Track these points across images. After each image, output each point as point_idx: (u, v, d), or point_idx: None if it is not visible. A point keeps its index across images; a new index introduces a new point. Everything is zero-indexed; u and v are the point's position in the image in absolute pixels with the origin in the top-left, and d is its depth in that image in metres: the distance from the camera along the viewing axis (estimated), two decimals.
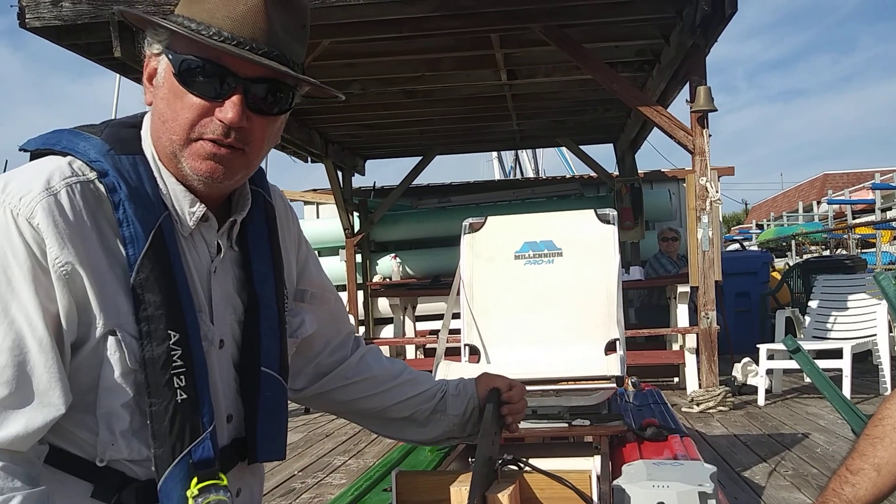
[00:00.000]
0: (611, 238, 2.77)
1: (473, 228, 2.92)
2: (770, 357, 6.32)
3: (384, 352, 1.55)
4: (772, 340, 7.14)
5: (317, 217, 11.37)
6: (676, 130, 5.95)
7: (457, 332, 2.89)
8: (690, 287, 6.31)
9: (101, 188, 1.09)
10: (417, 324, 8.61)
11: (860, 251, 14.49)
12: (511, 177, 22.30)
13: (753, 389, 6.34)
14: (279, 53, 1.11)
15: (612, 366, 2.44)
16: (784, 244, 18.06)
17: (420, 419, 1.50)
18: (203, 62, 1.08)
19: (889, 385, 6.20)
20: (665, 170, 11.04)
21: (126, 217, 1.08)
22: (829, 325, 6.84)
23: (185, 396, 1.09)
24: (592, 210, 2.85)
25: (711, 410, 5.87)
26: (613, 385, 2.41)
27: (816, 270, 8.82)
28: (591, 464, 2.10)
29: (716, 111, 5.86)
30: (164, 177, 1.15)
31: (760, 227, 24.48)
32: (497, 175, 23.79)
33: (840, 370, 5.80)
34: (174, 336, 1.09)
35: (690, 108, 5.91)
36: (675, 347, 7.25)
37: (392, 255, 10.06)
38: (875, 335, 6.41)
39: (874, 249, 13.69)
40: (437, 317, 8.22)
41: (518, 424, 1.52)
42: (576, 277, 2.74)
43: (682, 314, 6.95)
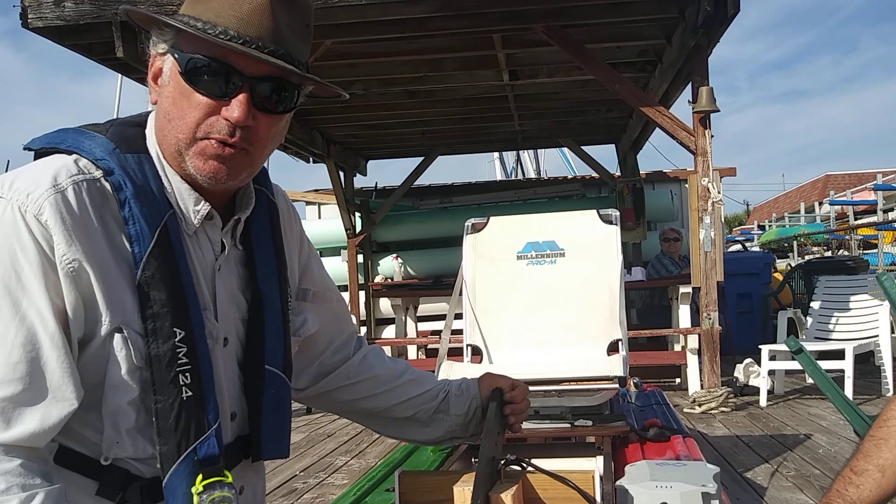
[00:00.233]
0: (613, 238, 2.76)
1: (476, 229, 2.92)
2: (772, 358, 6.32)
3: (386, 352, 1.55)
4: (773, 341, 7.13)
5: (318, 217, 11.37)
6: (678, 131, 5.94)
7: (459, 333, 2.89)
8: (692, 288, 6.30)
9: (107, 186, 1.09)
10: (419, 324, 8.62)
11: (862, 252, 14.48)
12: (513, 177, 22.30)
13: (755, 390, 6.34)
14: (285, 52, 1.11)
15: (615, 366, 2.44)
16: (786, 245, 18.07)
17: (423, 419, 1.50)
18: (209, 61, 1.09)
19: (891, 386, 6.20)
20: (667, 170, 11.03)
21: (132, 215, 1.08)
22: (831, 326, 6.84)
23: (191, 394, 1.10)
24: (595, 210, 2.84)
25: (713, 411, 5.87)
26: (616, 386, 2.41)
27: (818, 271, 8.81)
28: (594, 464, 2.10)
29: (718, 112, 5.86)
30: (169, 175, 1.15)
31: (762, 228, 24.47)
32: (499, 175, 23.80)
33: (842, 371, 5.80)
34: (180, 333, 1.09)
35: (692, 109, 5.91)
36: (677, 348, 7.25)
37: (394, 256, 10.06)
38: (877, 336, 6.40)
39: (876, 250, 13.67)
40: (439, 317, 8.23)
41: (521, 424, 1.52)
42: (578, 278, 2.74)
43: (684, 315, 6.95)
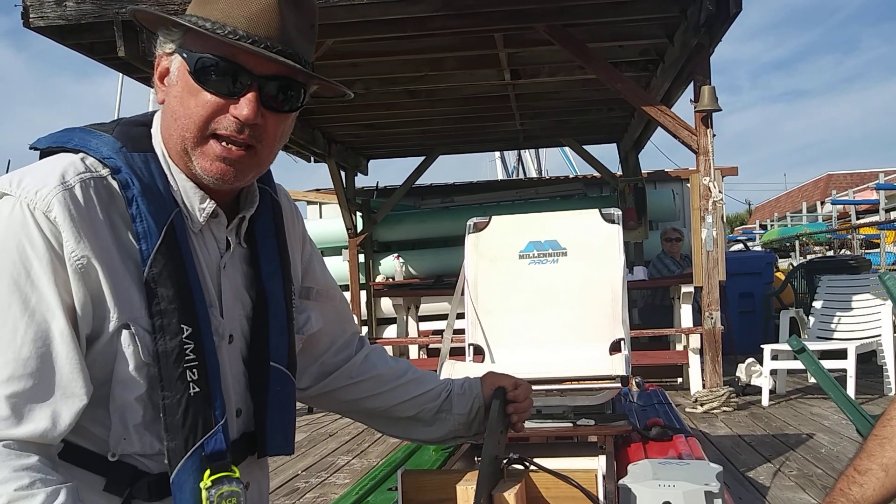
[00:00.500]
0: (615, 238, 2.76)
1: (478, 228, 2.91)
2: (774, 357, 6.31)
3: (388, 352, 1.56)
4: (776, 341, 7.13)
5: (320, 217, 11.36)
6: (680, 130, 5.94)
7: (461, 332, 2.89)
8: (694, 287, 6.30)
9: (114, 184, 1.10)
10: (420, 324, 8.61)
11: (864, 251, 14.46)
12: (514, 177, 22.29)
13: (757, 390, 6.33)
14: (292, 52, 1.12)
15: (617, 366, 2.44)
16: (788, 244, 18.05)
17: (425, 418, 1.50)
18: (219, 60, 1.10)
19: (894, 385, 6.19)
20: (668, 170, 11.02)
21: (139, 213, 1.09)
22: (834, 326, 6.83)
23: (198, 390, 1.10)
24: (597, 210, 2.84)
25: (715, 411, 5.87)
26: (618, 385, 2.41)
27: (820, 271, 8.80)
28: (597, 463, 2.10)
29: (720, 111, 5.86)
30: (175, 174, 1.16)
31: (764, 228, 24.44)
32: (500, 175, 23.80)
33: (844, 370, 5.79)
34: (187, 330, 1.10)
35: (694, 108, 5.91)
36: (679, 348, 7.24)
37: (395, 255, 10.05)
38: (879, 335, 6.39)
39: (878, 250, 13.65)
40: (440, 317, 8.22)
41: (523, 424, 1.52)
42: (580, 277, 2.74)
43: (686, 314, 6.95)
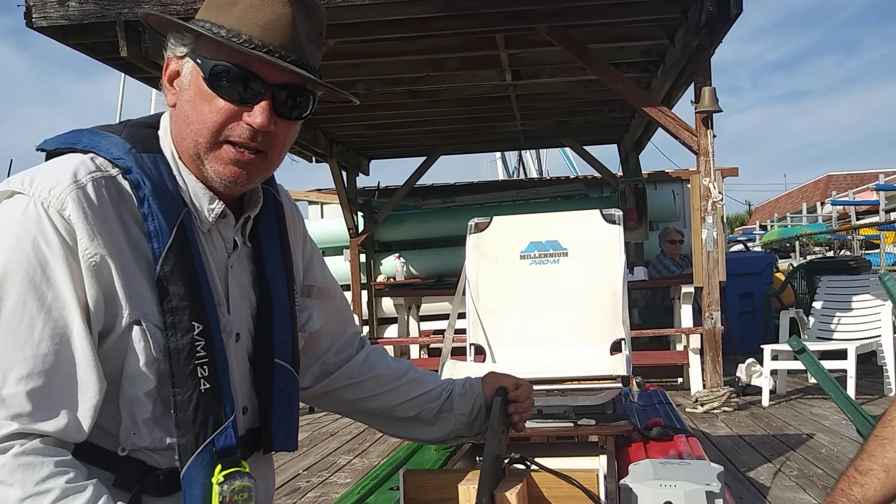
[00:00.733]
0: (616, 238, 2.77)
1: (479, 228, 2.92)
2: (774, 358, 6.31)
3: (388, 352, 1.57)
4: (776, 341, 7.13)
5: (321, 217, 11.37)
6: (681, 131, 5.94)
7: (462, 332, 2.89)
8: (694, 288, 6.30)
9: (124, 184, 1.12)
10: (421, 324, 8.62)
11: (864, 252, 14.45)
12: (515, 177, 22.28)
13: (758, 390, 6.34)
14: (304, 61, 1.15)
15: (618, 366, 2.45)
16: (788, 245, 18.04)
17: (427, 418, 1.51)
18: (233, 68, 1.12)
19: (894, 386, 6.20)
20: (669, 170, 11.03)
21: (151, 212, 1.11)
22: (834, 326, 6.84)
23: (209, 386, 1.12)
24: (598, 210, 2.85)
25: (716, 411, 5.87)
26: (619, 385, 2.42)
27: (820, 271, 8.81)
28: (598, 463, 2.11)
29: (720, 112, 5.86)
30: (184, 175, 1.18)
31: (764, 228, 24.43)
32: (501, 175, 23.76)
33: (844, 371, 5.80)
34: (198, 327, 1.11)
35: (695, 109, 5.91)
36: (679, 348, 7.25)
37: (396, 255, 10.06)
38: (880, 336, 6.40)
39: (878, 250, 13.65)
40: (441, 317, 8.23)
41: (524, 423, 1.53)
42: (581, 277, 2.74)
43: (686, 315, 6.95)
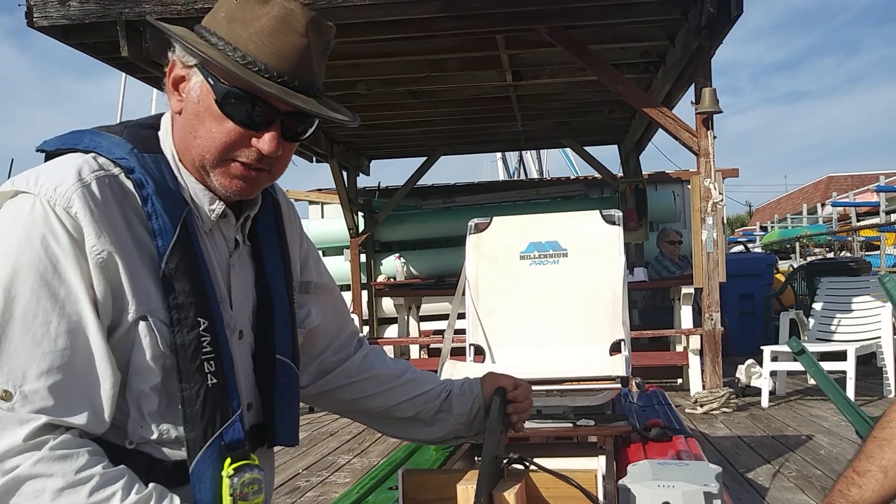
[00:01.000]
0: (616, 239, 2.77)
1: (479, 229, 2.92)
2: (774, 359, 6.31)
3: (388, 352, 1.58)
4: (775, 342, 7.12)
5: (321, 217, 11.37)
6: (681, 132, 5.94)
7: (462, 333, 2.90)
8: (694, 289, 6.30)
9: (127, 183, 1.13)
10: (421, 324, 8.62)
11: (864, 253, 14.45)
12: (515, 178, 22.28)
13: (757, 391, 6.33)
14: (315, 87, 1.16)
15: (617, 366, 2.45)
16: (788, 246, 18.04)
17: (425, 418, 1.52)
18: (245, 94, 1.12)
19: (893, 387, 6.20)
20: (669, 171, 11.03)
21: (155, 210, 1.12)
22: (833, 328, 6.83)
23: (215, 381, 1.14)
24: (598, 211, 2.85)
25: (715, 412, 5.87)
26: (618, 386, 2.42)
27: (820, 272, 8.81)
28: (597, 463, 2.11)
29: (721, 113, 5.86)
30: (185, 176, 1.19)
31: (764, 229, 24.42)
32: (501, 176, 23.77)
33: (844, 372, 5.79)
34: (203, 323, 1.13)
35: (695, 110, 5.91)
36: (679, 349, 7.24)
37: (396, 255, 10.06)
38: (879, 337, 6.40)
39: (878, 252, 13.64)
40: (441, 317, 8.23)
41: (523, 424, 1.53)
42: (581, 278, 2.74)
43: (686, 316, 6.95)
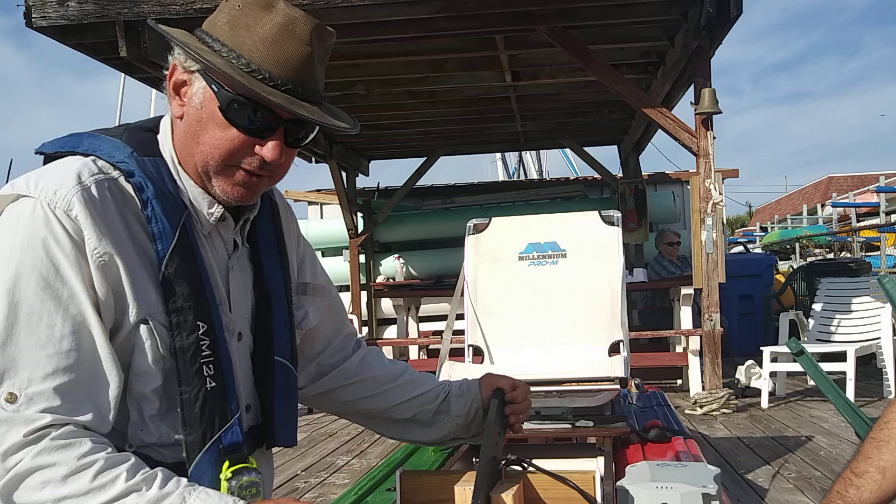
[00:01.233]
0: (615, 239, 2.77)
1: (478, 229, 2.92)
2: (774, 360, 6.31)
3: (388, 353, 1.58)
4: (775, 343, 7.12)
5: (320, 217, 11.37)
6: (680, 132, 5.94)
7: (461, 333, 2.89)
8: (694, 289, 6.30)
9: (126, 186, 1.14)
10: (421, 324, 8.62)
11: (864, 254, 14.45)
12: (515, 178, 22.28)
13: (757, 392, 6.33)
14: (317, 94, 1.17)
15: (616, 367, 2.45)
16: (788, 247, 18.03)
17: (424, 420, 1.52)
18: (248, 102, 1.12)
19: (893, 388, 6.19)
20: (669, 172, 11.03)
21: (154, 214, 1.13)
22: (833, 328, 6.83)
23: (214, 384, 1.14)
24: (597, 211, 2.85)
25: (714, 413, 5.87)
26: (617, 386, 2.42)
27: (820, 273, 8.80)
28: (595, 465, 2.11)
29: (720, 113, 5.86)
30: (183, 179, 1.20)
31: (764, 230, 24.41)
32: (501, 176, 23.76)
33: (844, 373, 5.79)
34: (202, 327, 1.13)
35: (695, 111, 5.91)
36: (679, 349, 7.24)
37: (396, 256, 10.06)
38: (879, 338, 6.40)
39: (878, 252, 13.64)
40: (441, 317, 8.22)
41: (522, 425, 1.53)
42: (580, 279, 2.74)
43: (686, 316, 6.95)
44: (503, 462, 1.42)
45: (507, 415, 1.48)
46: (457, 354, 2.86)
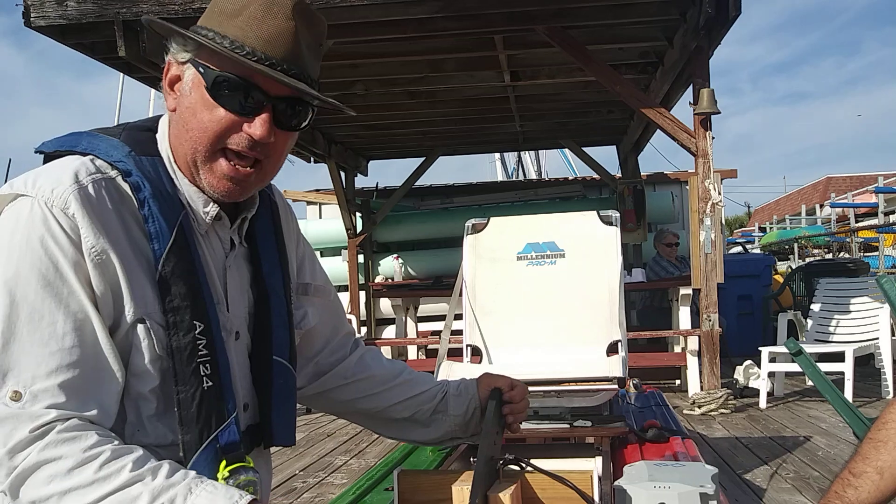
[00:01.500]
0: (613, 240, 2.77)
1: (476, 229, 2.92)
2: (772, 360, 6.31)
3: (386, 352, 1.58)
4: (774, 343, 7.13)
5: (319, 217, 11.37)
6: (679, 132, 5.94)
7: (459, 333, 2.90)
8: (692, 289, 6.30)
9: (123, 186, 1.14)
10: (419, 324, 8.62)
11: (863, 255, 14.47)
12: (514, 178, 22.28)
13: (755, 392, 6.33)
14: (305, 74, 1.16)
15: (614, 367, 2.45)
16: (787, 247, 18.04)
17: (422, 419, 1.52)
18: (235, 79, 1.13)
19: (891, 389, 6.20)
20: (668, 172, 11.03)
21: (151, 213, 1.13)
22: (832, 329, 6.84)
23: (211, 384, 1.14)
24: (595, 212, 2.85)
25: (713, 413, 5.87)
26: (615, 386, 2.42)
27: (819, 273, 8.81)
28: (593, 464, 2.11)
29: (719, 113, 5.86)
30: (179, 178, 1.19)
31: (763, 230, 24.43)
32: (500, 176, 23.77)
33: (842, 373, 5.79)
34: (199, 326, 1.13)
35: (693, 111, 5.91)
36: (677, 350, 7.24)
37: (394, 256, 10.06)
38: (877, 339, 6.40)
39: (877, 253, 13.65)
40: (439, 318, 8.22)
41: (520, 424, 1.53)
42: (578, 279, 2.74)
43: (684, 316, 6.95)
44: (501, 462, 1.42)
45: (505, 414, 1.48)
46: (455, 354, 2.86)
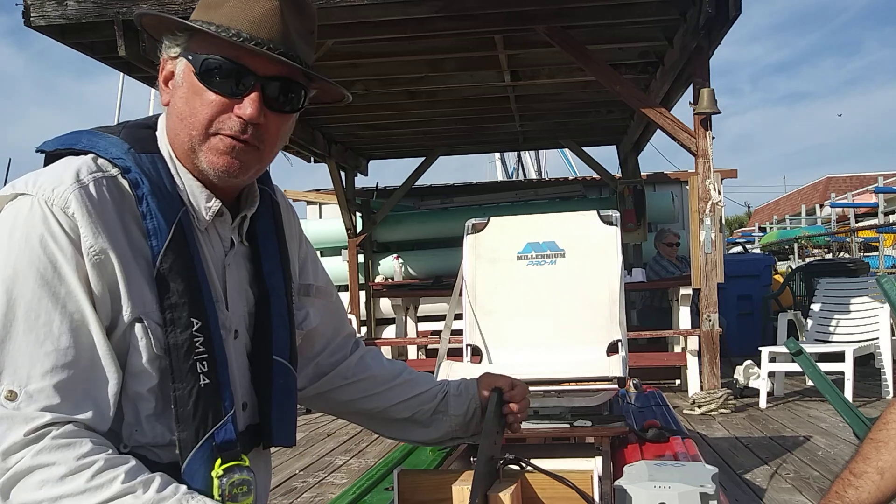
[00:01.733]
0: (613, 239, 2.77)
1: (476, 229, 2.92)
2: (772, 360, 6.31)
3: (386, 352, 1.58)
4: (774, 343, 7.13)
5: (319, 217, 11.37)
6: (679, 132, 5.94)
7: (459, 333, 2.89)
8: (693, 289, 6.30)
9: (124, 184, 1.14)
10: (419, 324, 8.61)
11: (863, 254, 14.47)
12: (514, 178, 22.29)
13: (755, 392, 6.33)
14: (294, 54, 1.16)
15: (614, 367, 2.45)
16: (787, 247, 18.04)
17: (422, 420, 1.52)
18: (223, 61, 1.14)
19: (891, 389, 6.20)
20: (668, 172, 11.03)
21: (149, 210, 1.13)
22: (832, 329, 6.84)
23: (208, 381, 1.13)
24: (595, 211, 2.85)
25: (713, 413, 5.87)
26: (615, 386, 2.42)
27: (819, 273, 8.81)
28: (593, 464, 2.11)
29: (719, 113, 5.86)
30: (181, 173, 1.20)
31: (763, 230, 24.43)
32: (500, 176, 23.77)
33: (842, 373, 5.79)
34: (196, 324, 1.13)
35: (693, 111, 5.91)
36: (677, 349, 7.24)
37: (394, 256, 10.06)
38: (877, 338, 6.40)
39: (877, 253, 13.65)
40: (439, 317, 8.22)
41: (520, 424, 1.53)
42: (578, 278, 2.74)
43: (685, 316, 6.95)
44: (501, 461, 1.42)
45: (506, 414, 1.48)
46: (455, 354, 2.86)
